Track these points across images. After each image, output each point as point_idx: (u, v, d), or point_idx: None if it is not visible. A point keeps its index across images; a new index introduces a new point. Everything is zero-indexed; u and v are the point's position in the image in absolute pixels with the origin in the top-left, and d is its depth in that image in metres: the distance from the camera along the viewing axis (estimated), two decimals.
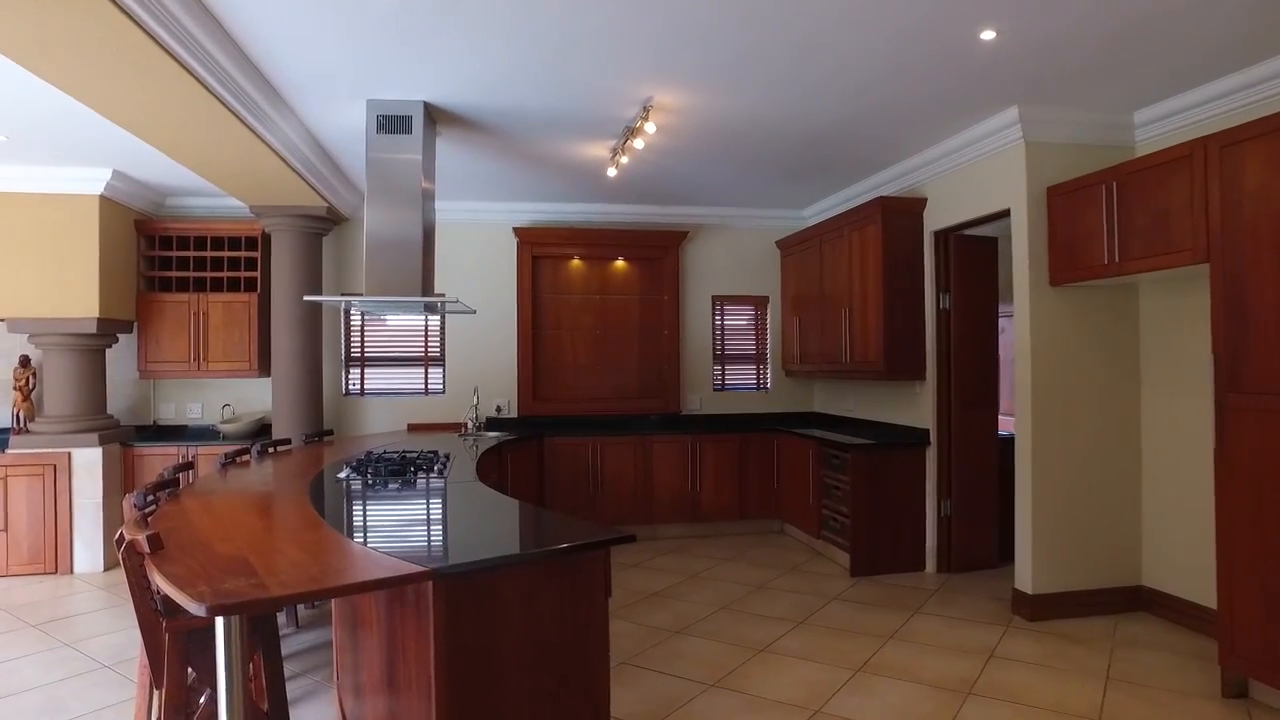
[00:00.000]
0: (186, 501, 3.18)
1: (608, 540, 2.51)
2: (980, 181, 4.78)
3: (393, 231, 4.06)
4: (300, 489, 3.47)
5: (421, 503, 3.30)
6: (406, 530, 2.83)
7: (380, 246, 4.06)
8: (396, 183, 4.06)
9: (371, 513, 3.10)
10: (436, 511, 3.14)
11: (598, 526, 2.64)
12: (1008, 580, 5.09)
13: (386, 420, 6.53)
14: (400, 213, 4.06)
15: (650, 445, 6.35)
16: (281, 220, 5.82)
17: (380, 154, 4.06)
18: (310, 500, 3.21)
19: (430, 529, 2.84)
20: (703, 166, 5.48)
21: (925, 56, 3.58)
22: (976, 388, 5.36)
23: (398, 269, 4.05)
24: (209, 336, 6.03)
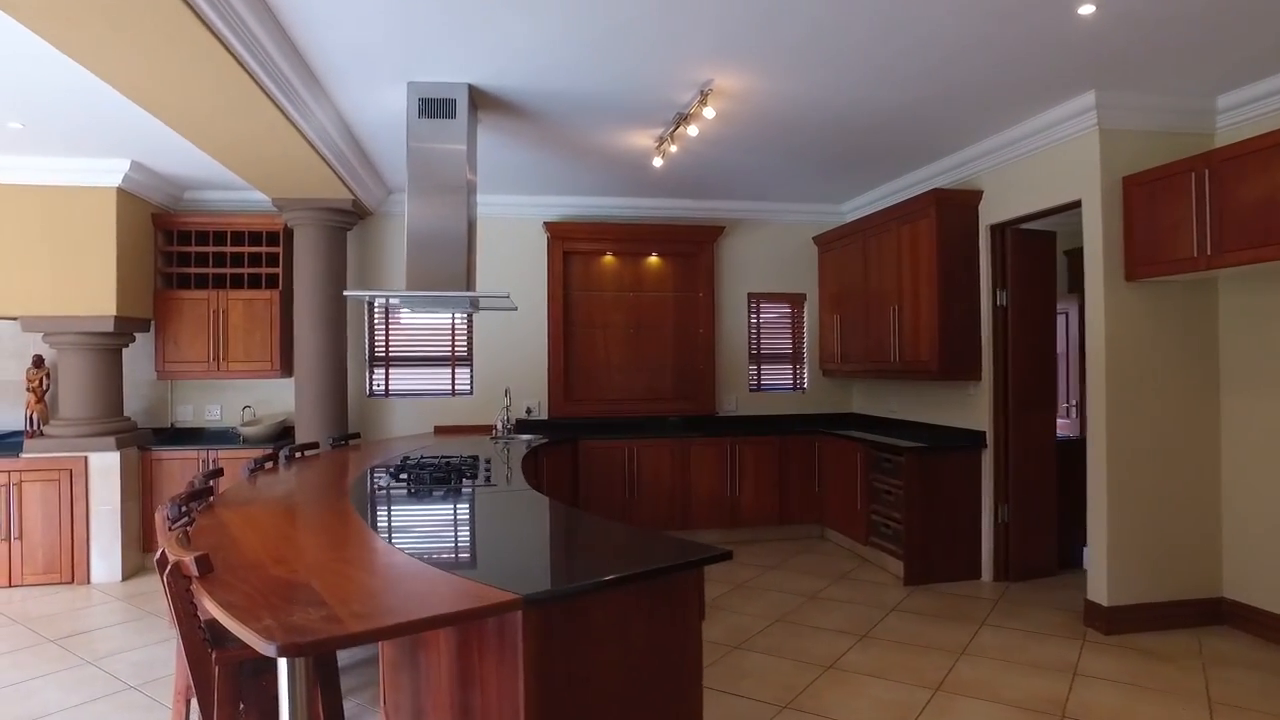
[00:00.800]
0: (223, 513, 2.94)
1: (704, 558, 2.28)
2: (1046, 172, 4.54)
3: (436, 223, 3.82)
4: (341, 499, 3.24)
5: (479, 514, 3.07)
6: (468, 545, 2.59)
7: (422, 239, 3.82)
8: (439, 170, 3.82)
9: (428, 526, 2.87)
10: (498, 525, 2.90)
11: (689, 543, 2.40)
12: (1070, 589, 4.87)
13: (412, 422, 6.29)
14: (444, 203, 3.82)
15: (688, 448, 6.11)
16: (305, 214, 5.59)
17: (422, 140, 3.82)
18: (357, 511, 2.98)
19: (500, 546, 2.60)
20: (748, 157, 5.24)
21: (1014, 34, 3.34)
22: (1034, 388, 5.13)
23: (442, 263, 3.81)
24: (229, 335, 5.80)
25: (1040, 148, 4.55)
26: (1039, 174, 4.61)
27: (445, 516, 3.02)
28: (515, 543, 2.64)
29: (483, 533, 2.81)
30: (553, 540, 2.63)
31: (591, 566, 2.29)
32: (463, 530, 2.82)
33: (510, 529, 2.84)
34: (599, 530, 2.71)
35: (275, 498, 3.31)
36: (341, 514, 2.92)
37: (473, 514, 3.08)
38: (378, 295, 3.90)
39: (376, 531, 2.66)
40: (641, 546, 2.49)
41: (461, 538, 2.69)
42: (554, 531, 2.73)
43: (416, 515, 3.05)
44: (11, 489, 5.09)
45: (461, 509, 3.14)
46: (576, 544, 2.57)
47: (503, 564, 2.35)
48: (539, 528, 2.83)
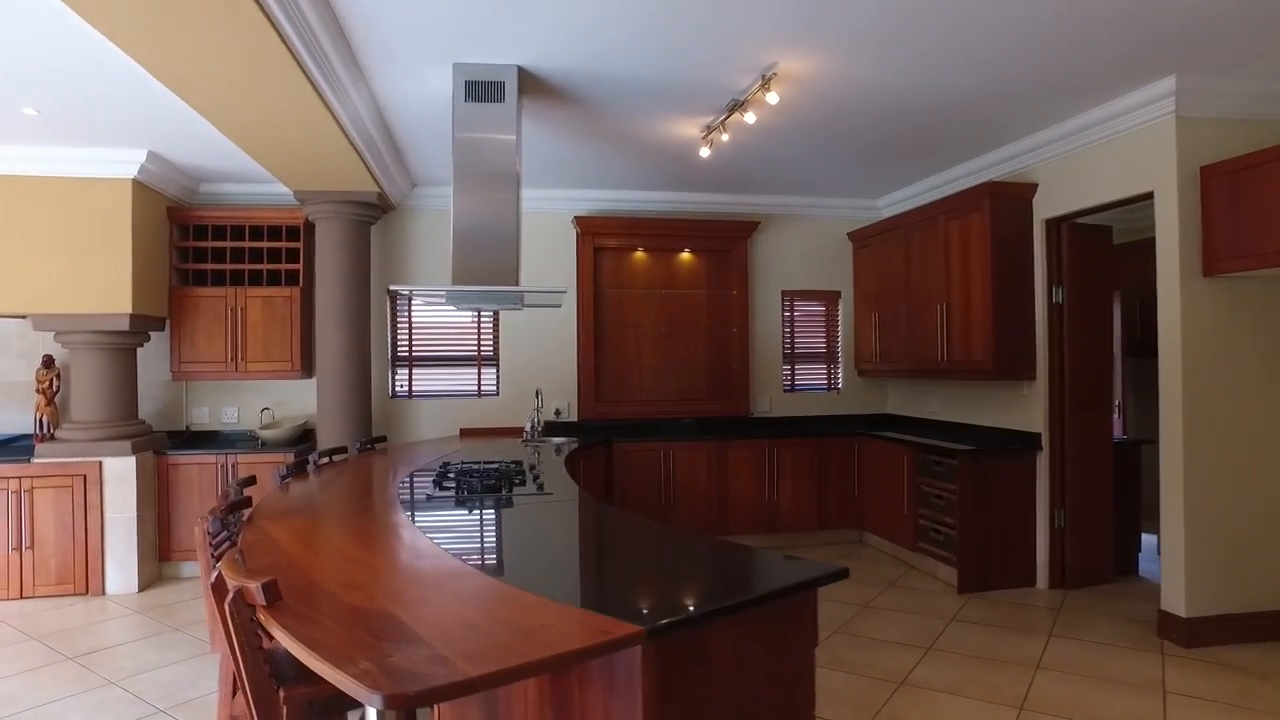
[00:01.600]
0: (267, 527, 2.71)
1: (822, 577, 2.07)
2: (1112, 163, 4.34)
3: (483, 214, 3.60)
4: (388, 508, 3.01)
5: (548, 528, 2.84)
6: (560, 567, 2.37)
7: (469, 231, 3.59)
8: (486, 158, 3.60)
9: (499, 543, 2.64)
10: (575, 541, 2.69)
11: (801, 561, 2.19)
12: (1132, 598, 4.69)
13: (437, 424, 6.06)
14: (491, 192, 3.60)
15: (725, 451, 5.90)
16: (328, 207, 5.35)
17: (468, 125, 3.59)
18: (413, 523, 2.76)
19: (588, 566, 2.37)
20: (794, 149, 5.02)
21: (1104, 12, 3.14)
22: (1091, 388, 4.93)
23: (490, 257, 3.59)
24: (247, 334, 5.56)
25: (1106, 138, 4.35)
26: (1103, 165, 4.40)
27: (515, 531, 2.80)
28: (603, 562, 2.42)
29: (562, 550, 2.58)
30: (645, 559, 2.41)
31: (702, 590, 2.08)
32: (539, 547, 2.59)
33: (591, 545, 2.62)
34: (689, 547, 2.49)
35: (318, 509, 3.08)
36: (397, 527, 2.70)
37: (542, 528, 2.86)
38: (424, 290, 3.66)
39: (445, 548, 2.43)
40: (743, 564, 2.28)
41: (542, 556, 2.47)
42: (642, 548, 2.51)
43: (481, 529, 2.83)
44: (23, 495, 4.85)
45: (526, 522, 2.92)
46: (672, 563, 2.35)
47: (603, 588, 2.13)
48: (622, 544, 2.61)
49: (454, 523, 2.87)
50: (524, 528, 2.85)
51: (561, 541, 2.68)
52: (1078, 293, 4.89)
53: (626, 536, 2.67)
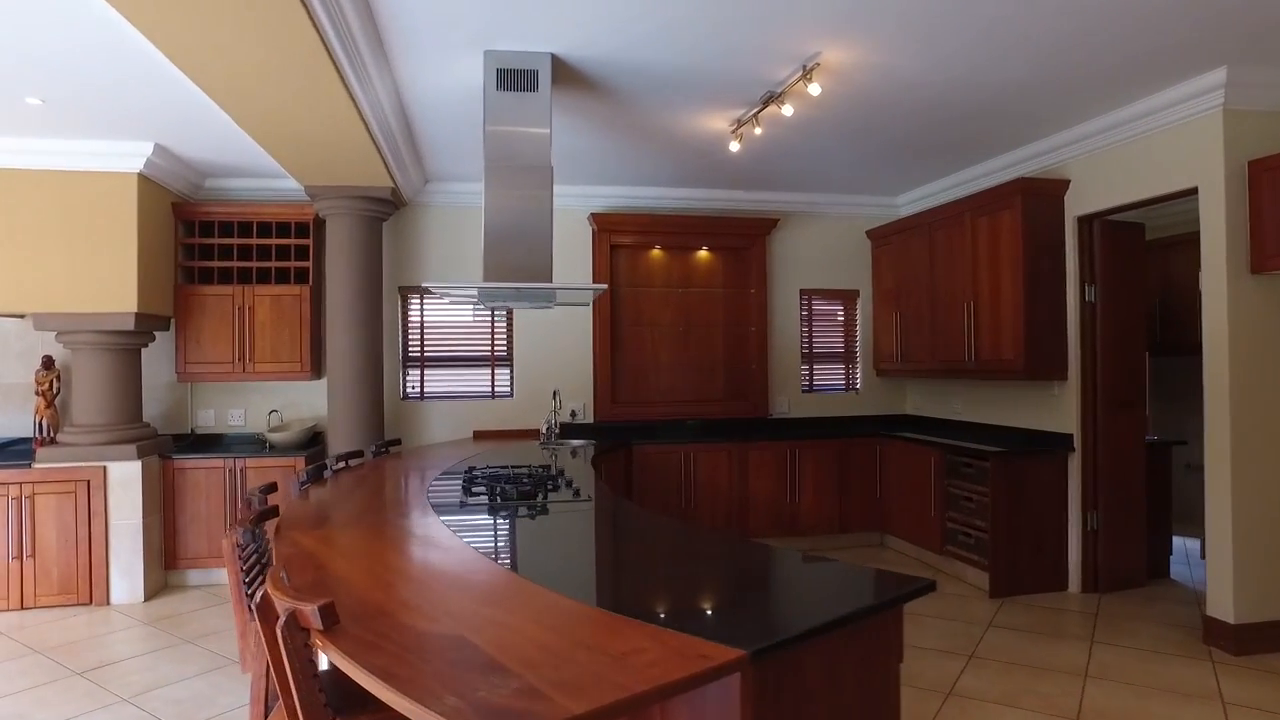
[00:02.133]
0: (300, 539, 2.56)
1: (913, 591, 1.95)
2: (1153, 157, 4.24)
3: (516, 209, 3.45)
4: (423, 516, 2.87)
5: (601, 539, 2.71)
6: (629, 581, 2.23)
7: (502, 227, 3.45)
8: (519, 150, 3.45)
9: (557, 555, 2.50)
10: (635, 552, 2.55)
11: (886, 573, 2.07)
12: (1168, 602, 4.60)
13: (449, 427, 5.91)
14: (524, 187, 3.46)
15: (745, 453, 5.78)
16: (340, 203, 5.18)
17: (500, 117, 3.44)
18: (455, 533, 2.62)
19: (661, 580, 2.23)
20: (823, 144, 4.90)
21: (1163, 1, 3.03)
22: (1124, 387, 4.84)
23: (523, 254, 3.44)
24: (255, 334, 5.38)
25: (1146, 132, 4.25)
26: (1143, 161, 4.31)
27: (568, 542, 2.65)
28: (675, 575, 2.28)
29: (627, 562, 2.43)
30: (719, 571, 2.27)
31: (792, 606, 1.95)
32: (601, 559, 2.45)
33: (655, 557, 2.48)
34: (763, 558, 2.35)
35: (348, 518, 2.93)
36: (438, 538, 2.56)
37: (596, 538, 2.72)
38: (456, 287, 3.48)
39: (498, 561, 2.29)
40: (827, 577, 2.14)
41: (607, 570, 2.32)
42: (713, 560, 2.37)
43: (531, 540, 2.69)
44: (24, 502, 4.66)
45: (576, 532, 2.78)
46: (751, 576, 2.21)
47: (688, 605, 1.98)
48: (689, 555, 2.47)
49: (499, 532, 2.73)
50: (576, 538, 2.71)
51: (623, 552, 2.53)
52: (1110, 291, 4.80)
53: (691, 546, 2.53)
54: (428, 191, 5.80)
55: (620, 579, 2.22)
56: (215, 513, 5.14)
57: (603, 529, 2.81)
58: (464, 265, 5.90)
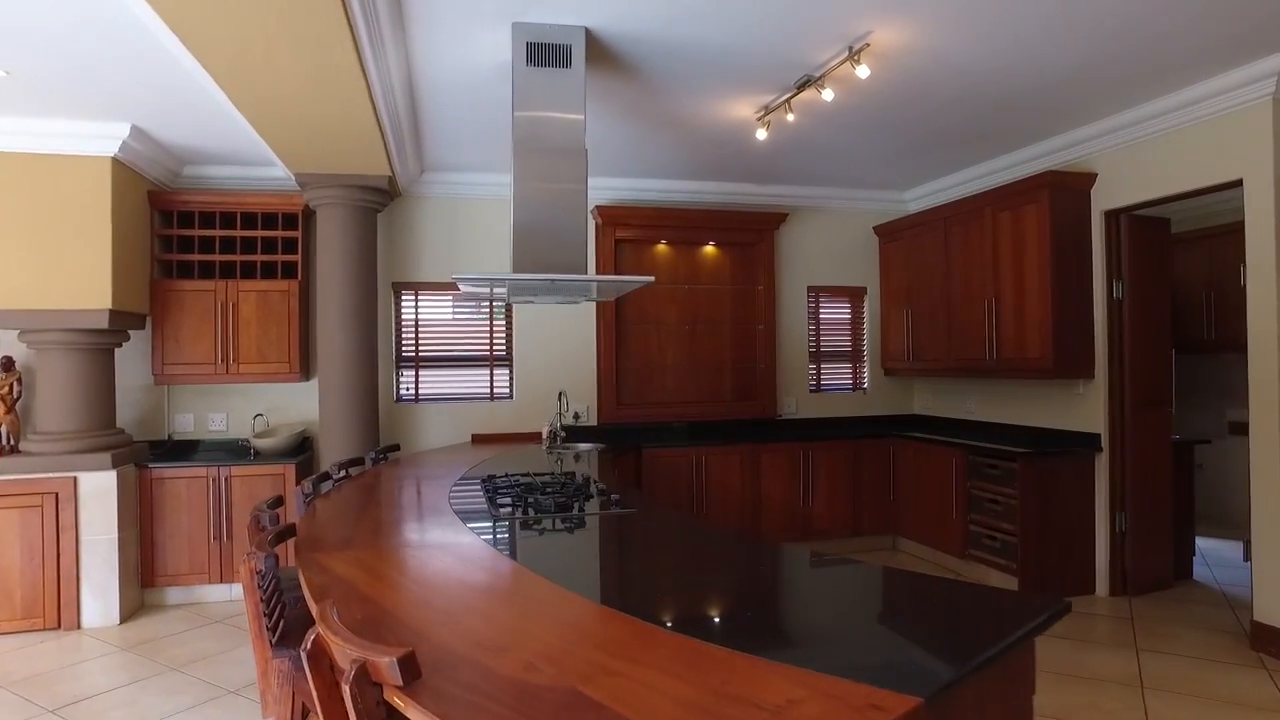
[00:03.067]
0: (328, 563, 2.27)
1: (1051, 614, 1.74)
2: (1192, 149, 4.13)
3: (548, 195, 3.18)
4: (457, 533, 2.59)
5: (672, 555, 2.45)
6: (740, 611, 1.97)
7: (532, 215, 3.17)
8: (552, 133, 3.19)
9: (630, 576, 2.24)
10: (719, 570, 2.29)
11: (1020, 597, 1.85)
12: (1201, 605, 4.51)
13: (445, 431, 5.59)
14: (557, 173, 3.19)
15: (758, 455, 5.57)
16: (333, 192, 4.85)
17: (530, 96, 3.17)
18: (500, 551, 2.35)
19: (776, 608, 1.98)
20: (846, 135, 4.72)
21: None
22: (1151, 385, 4.74)
23: (556, 246, 3.17)
24: (239, 332, 5.01)
25: (1184, 123, 4.15)
26: (1179, 153, 4.20)
27: (636, 562, 2.40)
28: (790, 603, 2.04)
29: (722, 587, 2.17)
30: (833, 597, 2.04)
31: (934, 637, 1.72)
32: (688, 582, 2.19)
33: (748, 579, 2.23)
34: (866, 577, 2.13)
35: (371, 535, 2.63)
36: (481, 558, 2.29)
37: (665, 556, 2.47)
38: (494, 279, 3.16)
39: (569, 586, 2.03)
40: (949, 598, 1.92)
41: (704, 595, 2.06)
42: (816, 582, 2.14)
43: (592, 558, 2.43)
44: None
45: (637, 548, 2.53)
46: (866, 601, 1.99)
47: (821, 640, 1.73)
48: (792, 576, 2.24)
49: (550, 550, 2.46)
50: (640, 556, 2.46)
51: (708, 574, 2.27)
52: (1137, 288, 4.70)
53: (781, 565, 2.29)
54: (424, 182, 5.49)
55: (729, 608, 1.96)
56: (198, 526, 4.76)
57: (666, 545, 2.56)
58: (461, 260, 5.60)
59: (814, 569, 2.26)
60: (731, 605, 1.97)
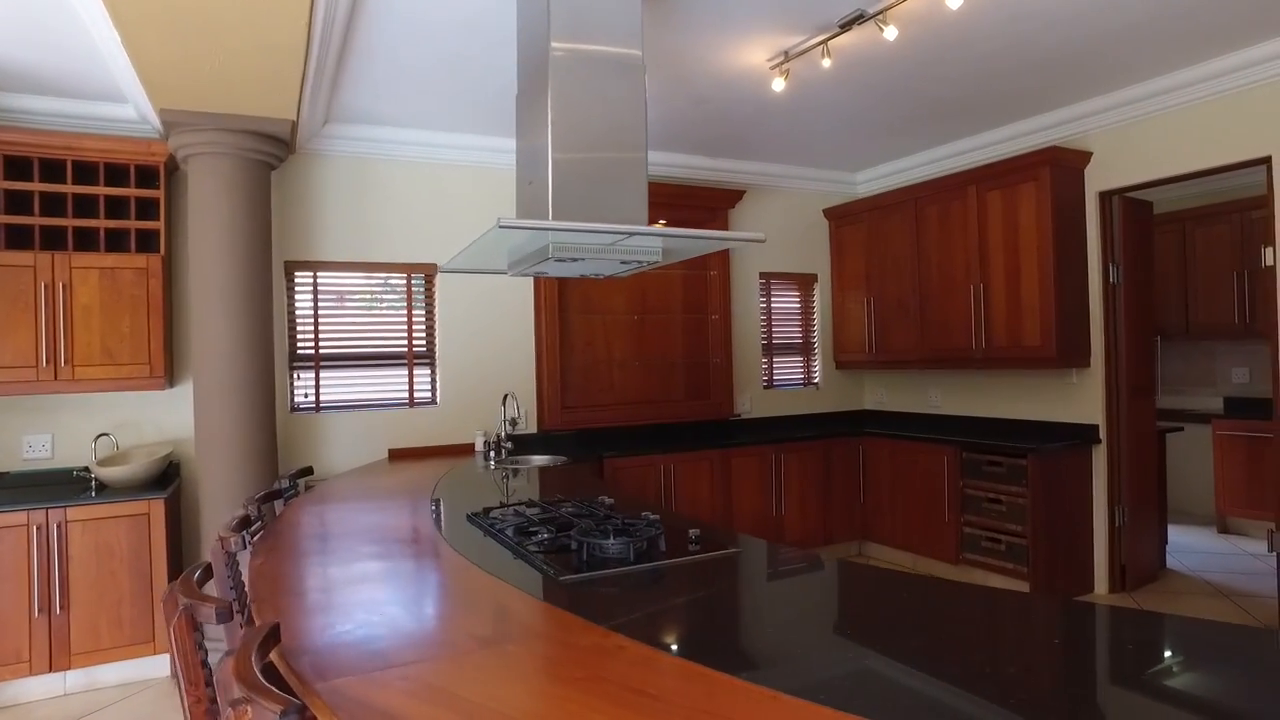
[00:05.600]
0: (368, 695, 1.35)
1: None
2: (1208, 126, 3.96)
3: (598, 124, 2.35)
4: (528, 608, 1.74)
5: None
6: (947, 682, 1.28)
7: (578, 153, 2.33)
8: (601, 24, 2.36)
9: (870, 676, 1.49)
10: (965, 649, 1.59)
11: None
12: (1197, 595, 4.41)
13: (355, 447, 4.49)
14: (610, 90, 2.37)
15: (727, 462, 4.95)
16: (214, 138, 3.66)
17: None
18: (610, 626, 1.55)
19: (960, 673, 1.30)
20: (838, 100, 4.18)
21: None
22: (1141, 373, 4.60)
23: (612, 190, 2.35)
24: (74, 323, 3.69)
25: (1199, 99, 3.97)
26: (1194, 130, 4.02)
27: (829, 643, 1.65)
28: (951, 662, 1.37)
29: (877, 646, 1.47)
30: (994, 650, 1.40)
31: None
32: (833, 643, 1.47)
33: (1005, 654, 1.55)
34: (1133, 628, 1.51)
35: (412, 630, 1.71)
36: (583, 638, 1.47)
37: (870, 633, 1.74)
38: (549, 228, 2.22)
39: (734, 673, 1.26)
40: (1220, 643, 1.35)
41: (864, 662, 1.35)
42: (1075, 645, 1.50)
43: (779, 639, 1.64)
44: None
45: (812, 618, 1.78)
46: (1156, 670, 1.37)
47: None
48: (1036, 636, 1.58)
49: (683, 625, 1.67)
50: (830, 635, 1.71)
51: (956, 656, 1.54)
52: (1130, 272, 4.53)
53: (1017, 620, 1.62)
54: (326, 136, 4.36)
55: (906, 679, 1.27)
56: (12, 602, 3.41)
57: (840, 604, 1.84)
58: (372, 233, 4.53)
59: (1050, 621, 1.61)
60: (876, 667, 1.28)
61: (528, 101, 2.49)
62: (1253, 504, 5.46)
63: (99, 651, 3.53)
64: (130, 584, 3.58)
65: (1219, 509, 5.70)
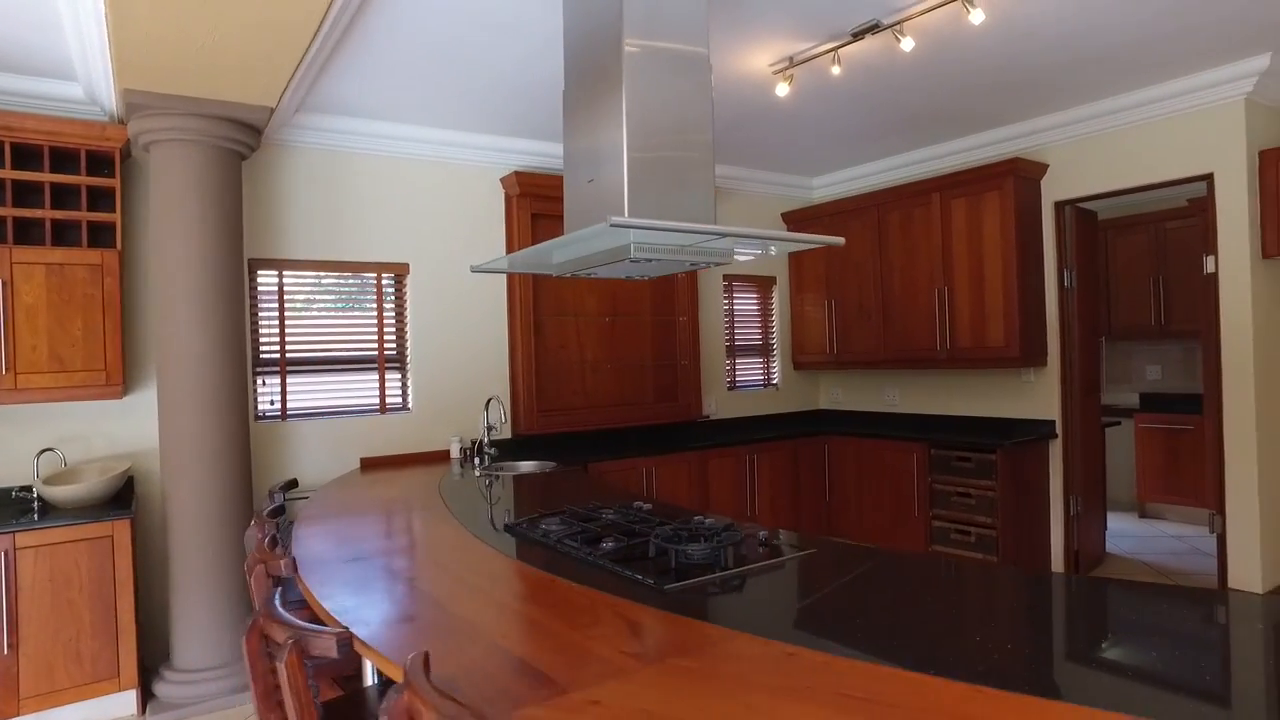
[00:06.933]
0: None
1: None
2: (1157, 144, 4.27)
3: (669, 119, 2.29)
4: (626, 613, 1.69)
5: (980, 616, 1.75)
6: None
7: (650, 147, 2.26)
8: (669, 22, 2.30)
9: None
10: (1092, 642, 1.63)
11: None
12: (1143, 578, 4.74)
13: (325, 456, 4.22)
14: (680, 82, 2.31)
15: (706, 463, 4.96)
16: (184, 124, 3.35)
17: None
18: (757, 633, 1.52)
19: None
20: (839, 106, 4.27)
21: None
22: (1090, 371, 4.93)
23: (680, 186, 2.29)
24: (16, 324, 3.29)
25: (1151, 118, 4.28)
26: (1146, 147, 4.32)
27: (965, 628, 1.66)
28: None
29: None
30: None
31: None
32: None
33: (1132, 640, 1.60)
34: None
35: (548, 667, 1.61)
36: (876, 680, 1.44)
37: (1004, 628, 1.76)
38: (668, 228, 2.08)
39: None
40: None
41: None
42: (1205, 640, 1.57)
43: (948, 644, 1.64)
44: None
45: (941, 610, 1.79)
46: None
47: None
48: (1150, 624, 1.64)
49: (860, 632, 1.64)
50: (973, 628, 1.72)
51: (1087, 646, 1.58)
52: (1083, 277, 4.85)
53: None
54: (296, 126, 4.07)
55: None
56: None
57: (962, 594, 1.86)
58: (340, 230, 4.28)
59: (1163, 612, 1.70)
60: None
61: (587, 99, 2.40)
62: (1170, 490, 5.96)
63: (54, 693, 3.16)
64: (92, 615, 3.22)
65: (1140, 495, 6.19)
